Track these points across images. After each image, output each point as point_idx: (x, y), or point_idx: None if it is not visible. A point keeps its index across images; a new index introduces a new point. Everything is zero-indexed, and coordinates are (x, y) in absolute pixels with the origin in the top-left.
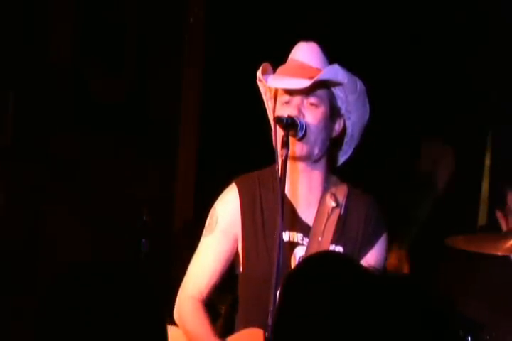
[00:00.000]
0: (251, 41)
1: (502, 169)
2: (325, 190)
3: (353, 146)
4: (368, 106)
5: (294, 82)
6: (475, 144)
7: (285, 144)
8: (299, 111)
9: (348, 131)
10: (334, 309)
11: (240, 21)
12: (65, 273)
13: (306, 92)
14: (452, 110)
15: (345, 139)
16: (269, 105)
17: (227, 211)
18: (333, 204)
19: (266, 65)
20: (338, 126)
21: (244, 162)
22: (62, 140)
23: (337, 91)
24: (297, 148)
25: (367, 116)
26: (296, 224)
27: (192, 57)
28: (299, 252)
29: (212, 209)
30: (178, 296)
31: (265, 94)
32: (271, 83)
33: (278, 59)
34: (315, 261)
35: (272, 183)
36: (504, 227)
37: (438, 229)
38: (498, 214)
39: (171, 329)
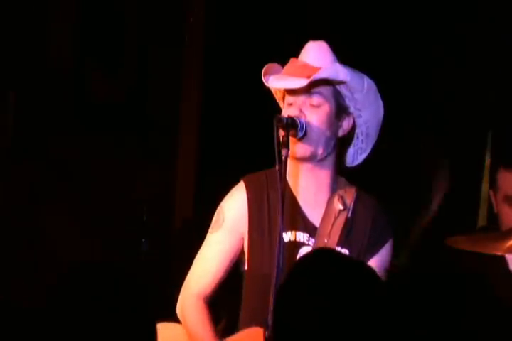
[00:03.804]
0: (251, 41)
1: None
2: (333, 190)
3: (370, 144)
4: (380, 102)
5: (292, 82)
6: (475, 144)
7: (285, 144)
8: (300, 111)
9: (362, 129)
10: (332, 307)
11: (240, 21)
12: (65, 273)
13: (309, 92)
14: (452, 110)
15: (361, 137)
16: (281, 106)
17: (234, 209)
18: (341, 207)
19: (270, 66)
20: (346, 125)
21: (245, 162)
22: (62, 140)
23: (342, 89)
24: (298, 148)
25: (381, 113)
26: (302, 224)
27: (192, 57)
28: (305, 252)
29: (220, 206)
30: (181, 293)
31: (276, 95)
32: (270, 83)
33: (278, 58)
34: (313, 259)
35: (278, 182)
36: (495, 208)
37: (438, 229)
38: (491, 193)
39: (175, 327)
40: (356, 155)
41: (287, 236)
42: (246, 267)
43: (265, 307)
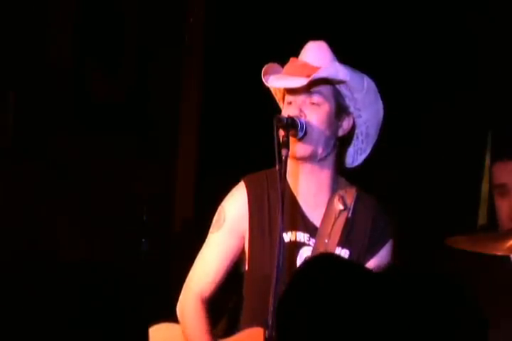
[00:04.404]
0: (251, 41)
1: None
2: (333, 190)
3: (371, 145)
4: (380, 102)
5: (292, 81)
6: (475, 144)
7: (285, 144)
8: (300, 110)
9: (362, 129)
10: (336, 311)
11: (240, 21)
12: (65, 273)
13: (308, 91)
14: (452, 110)
15: (361, 137)
16: (280, 106)
17: (234, 208)
18: (341, 207)
19: (270, 66)
20: (346, 125)
21: (245, 162)
22: (62, 140)
23: (342, 89)
24: (298, 148)
25: (381, 113)
26: (303, 224)
27: (192, 57)
28: (305, 253)
29: (220, 206)
30: (182, 293)
31: (276, 95)
32: (270, 83)
33: (278, 58)
34: (318, 262)
35: (278, 183)
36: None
37: (438, 229)
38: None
39: (173, 327)
40: (356, 155)
41: (288, 237)
42: (246, 267)
43: (266, 308)
